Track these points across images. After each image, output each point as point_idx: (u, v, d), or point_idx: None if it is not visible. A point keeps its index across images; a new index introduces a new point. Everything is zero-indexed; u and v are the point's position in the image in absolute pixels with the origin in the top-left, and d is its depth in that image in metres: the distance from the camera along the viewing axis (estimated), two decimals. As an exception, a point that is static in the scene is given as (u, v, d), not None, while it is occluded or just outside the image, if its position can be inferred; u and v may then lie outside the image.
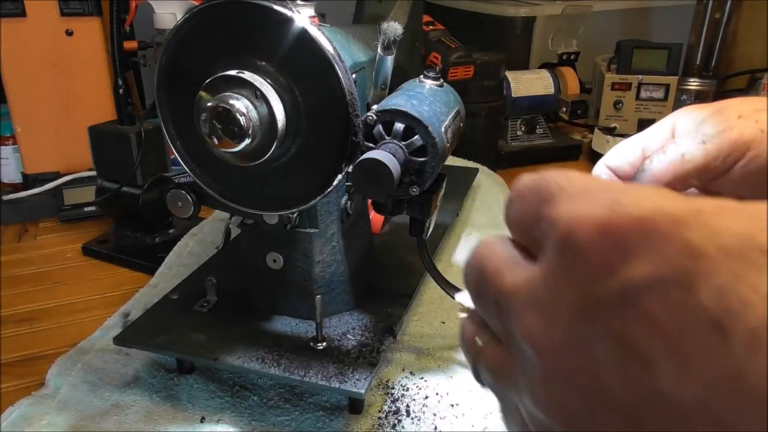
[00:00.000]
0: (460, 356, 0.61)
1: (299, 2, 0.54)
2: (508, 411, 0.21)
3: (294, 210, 0.53)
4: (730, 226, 0.15)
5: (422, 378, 0.58)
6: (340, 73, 0.46)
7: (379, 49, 0.53)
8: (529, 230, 0.19)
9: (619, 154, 0.36)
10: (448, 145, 0.52)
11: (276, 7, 0.45)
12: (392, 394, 0.57)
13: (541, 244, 0.19)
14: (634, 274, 0.15)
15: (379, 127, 0.49)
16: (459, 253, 0.84)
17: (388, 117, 0.49)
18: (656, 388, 0.15)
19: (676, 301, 0.15)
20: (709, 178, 0.32)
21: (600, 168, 0.37)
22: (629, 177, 0.35)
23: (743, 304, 0.14)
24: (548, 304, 0.17)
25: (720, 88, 1.45)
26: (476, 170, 1.05)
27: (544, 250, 0.18)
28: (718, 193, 0.33)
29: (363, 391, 0.51)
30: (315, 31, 0.45)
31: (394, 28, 0.52)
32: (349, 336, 0.57)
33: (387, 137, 0.49)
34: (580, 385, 0.17)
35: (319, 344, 0.56)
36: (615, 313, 0.16)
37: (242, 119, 0.44)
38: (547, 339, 0.17)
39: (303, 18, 0.45)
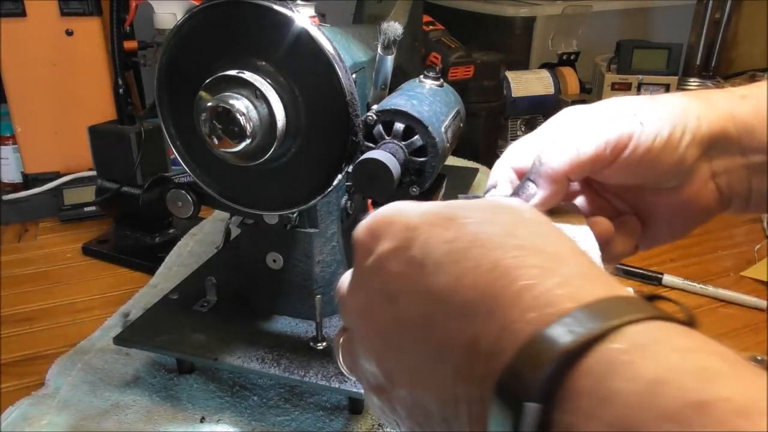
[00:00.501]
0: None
1: (299, 2, 0.54)
2: (359, 381, 0.30)
3: (294, 210, 0.53)
4: (432, 209, 0.26)
5: (422, 378, 0.58)
6: (340, 73, 0.46)
7: (379, 49, 0.53)
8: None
9: (522, 155, 0.40)
10: (448, 145, 0.52)
11: (276, 7, 0.45)
12: (392, 394, 0.57)
13: None
14: (382, 249, 0.26)
15: (379, 127, 0.49)
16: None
17: (388, 117, 0.49)
18: (399, 313, 0.24)
19: (402, 257, 0.25)
20: (599, 168, 0.36)
21: (505, 170, 0.40)
22: None
23: (434, 247, 0.24)
24: (353, 284, 0.28)
25: (720, 88, 1.45)
26: (476, 170, 1.05)
27: None
28: (605, 183, 0.39)
29: (363, 391, 0.51)
30: (315, 31, 0.45)
31: (394, 28, 0.52)
32: (349, 336, 0.57)
33: (387, 137, 0.49)
34: (374, 328, 0.26)
35: (319, 344, 0.56)
36: (376, 274, 0.26)
37: (242, 119, 0.44)
38: (357, 306, 0.27)
39: (303, 18, 0.45)
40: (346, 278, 0.29)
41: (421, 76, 0.55)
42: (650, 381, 0.18)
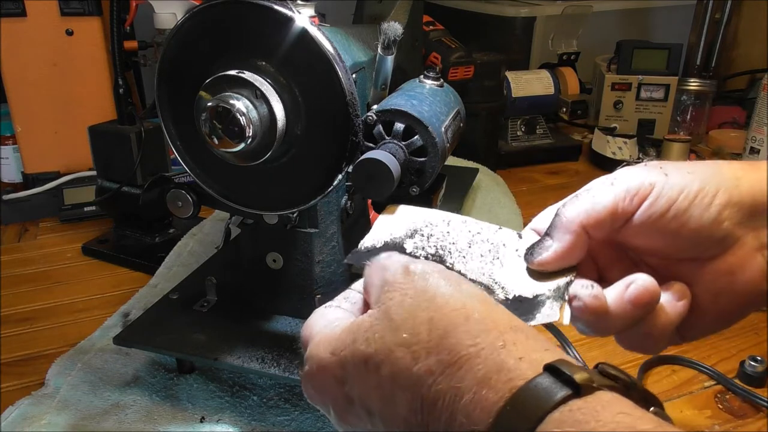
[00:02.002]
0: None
1: (299, 2, 0.54)
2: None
3: (294, 210, 0.53)
4: (349, 354, 0.30)
5: (422, 378, 0.58)
6: (340, 73, 0.46)
7: (379, 49, 0.53)
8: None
9: (547, 218, 0.38)
10: (448, 145, 0.52)
11: (276, 7, 0.45)
12: (392, 394, 0.57)
13: None
14: (331, 399, 0.32)
15: (379, 127, 0.49)
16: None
17: (388, 117, 0.49)
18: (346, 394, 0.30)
19: (350, 411, 0.31)
20: (620, 221, 0.34)
21: (527, 232, 0.39)
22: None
23: (368, 398, 0.29)
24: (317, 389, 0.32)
25: (720, 89, 1.45)
26: (476, 170, 1.05)
27: None
28: (628, 246, 0.36)
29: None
30: (315, 31, 0.45)
31: (394, 28, 0.52)
32: (349, 336, 0.57)
33: (387, 137, 0.49)
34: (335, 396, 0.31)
35: (319, 344, 0.56)
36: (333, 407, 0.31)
37: (242, 119, 0.44)
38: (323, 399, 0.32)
39: (303, 18, 0.45)
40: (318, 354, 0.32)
41: (421, 76, 0.55)
42: None
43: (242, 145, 0.45)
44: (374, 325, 0.29)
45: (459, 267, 0.35)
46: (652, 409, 0.26)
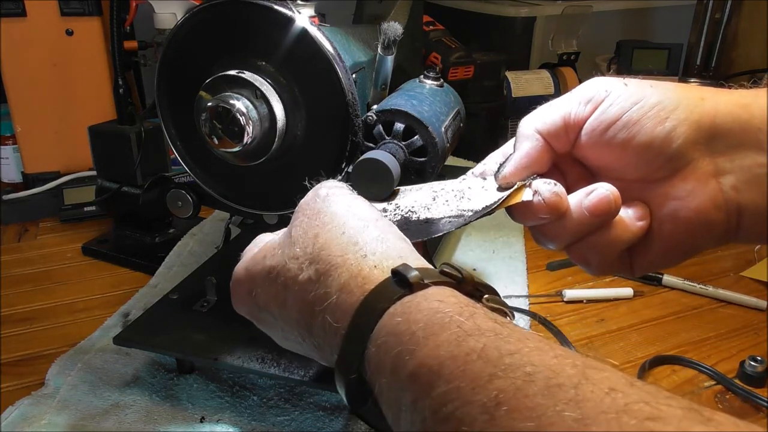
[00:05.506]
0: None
1: (299, 2, 0.54)
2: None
3: (294, 210, 0.53)
4: (258, 267, 0.36)
5: (422, 378, 0.58)
6: (340, 73, 0.46)
7: (379, 49, 0.53)
8: None
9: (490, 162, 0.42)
10: (448, 145, 0.52)
11: (276, 7, 0.45)
12: (392, 394, 0.57)
13: None
14: (241, 301, 0.39)
15: (379, 127, 0.49)
16: (459, 253, 0.84)
17: (389, 117, 0.49)
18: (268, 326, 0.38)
19: (256, 315, 0.39)
20: (574, 129, 0.34)
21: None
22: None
23: (267, 305, 0.36)
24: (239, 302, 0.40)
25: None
26: (476, 170, 1.04)
27: None
28: (588, 164, 0.36)
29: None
30: (315, 31, 0.45)
31: (394, 28, 0.52)
32: (349, 336, 0.57)
33: (387, 137, 0.49)
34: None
35: (319, 344, 0.56)
36: (248, 309, 0.39)
37: (242, 119, 0.44)
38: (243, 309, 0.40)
39: (303, 18, 0.45)
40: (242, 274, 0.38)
41: (421, 76, 0.55)
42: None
43: (242, 145, 0.45)
44: (280, 244, 0.35)
45: (425, 215, 0.38)
46: (485, 297, 0.29)
